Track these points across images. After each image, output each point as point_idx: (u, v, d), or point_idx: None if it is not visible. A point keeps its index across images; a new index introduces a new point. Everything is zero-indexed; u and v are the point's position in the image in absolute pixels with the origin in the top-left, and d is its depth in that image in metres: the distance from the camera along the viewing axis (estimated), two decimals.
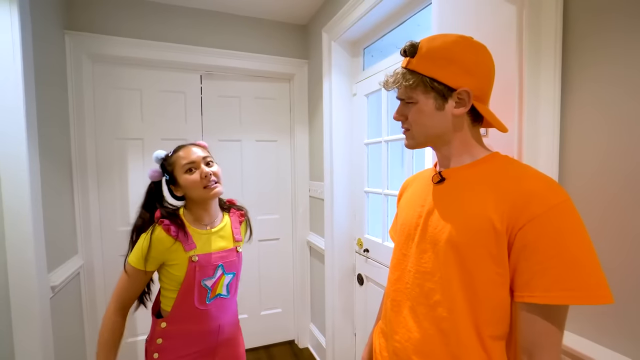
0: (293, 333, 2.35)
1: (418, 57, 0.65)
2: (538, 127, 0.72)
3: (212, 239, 1.02)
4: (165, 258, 0.96)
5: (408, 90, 0.66)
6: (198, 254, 0.98)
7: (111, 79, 1.87)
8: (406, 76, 0.65)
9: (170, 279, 0.98)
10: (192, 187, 0.97)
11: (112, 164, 1.89)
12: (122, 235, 1.92)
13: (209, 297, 1.00)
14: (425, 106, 0.65)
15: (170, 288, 0.99)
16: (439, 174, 0.69)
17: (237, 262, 1.07)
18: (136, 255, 0.95)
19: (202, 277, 0.98)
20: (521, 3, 0.70)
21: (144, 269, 0.95)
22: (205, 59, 1.99)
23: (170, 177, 1.00)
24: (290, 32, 2.21)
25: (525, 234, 0.53)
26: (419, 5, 1.36)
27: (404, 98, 0.68)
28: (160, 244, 0.94)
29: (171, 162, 1.00)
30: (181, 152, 1.00)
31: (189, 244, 0.97)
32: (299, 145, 2.26)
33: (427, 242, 0.66)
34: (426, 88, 0.64)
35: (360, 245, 1.82)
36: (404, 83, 0.65)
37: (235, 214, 1.13)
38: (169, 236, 0.94)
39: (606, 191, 0.66)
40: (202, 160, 0.99)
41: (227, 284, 1.04)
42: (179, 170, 0.98)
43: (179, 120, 2.02)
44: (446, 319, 0.61)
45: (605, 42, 0.65)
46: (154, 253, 0.94)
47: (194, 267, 0.96)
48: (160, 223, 0.96)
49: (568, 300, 0.50)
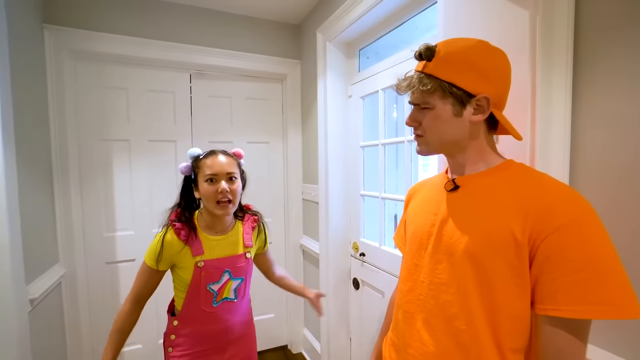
0: (286, 338, 2.31)
1: (436, 61, 0.62)
2: (550, 135, 0.71)
3: (221, 246, 1.05)
4: (175, 260, 1.01)
5: (425, 95, 0.63)
6: (205, 259, 1.01)
7: (95, 77, 1.77)
8: (423, 80, 0.62)
9: (179, 281, 1.03)
10: (207, 198, 0.99)
11: (96, 166, 1.80)
12: (108, 242, 1.83)
13: (216, 300, 1.03)
14: (442, 112, 0.62)
15: (180, 289, 1.03)
16: (452, 182, 0.67)
17: (245, 268, 1.09)
18: (150, 254, 1.00)
19: (208, 282, 1.01)
20: (534, 9, 0.69)
21: (156, 268, 1.00)
22: (195, 57, 1.92)
23: (194, 178, 1.04)
24: (283, 31, 2.17)
25: (549, 245, 0.52)
26: (417, 7, 1.34)
27: (419, 103, 0.65)
28: (170, 246, 0.99)
29: (199, 165, 1.03)
30: (209, 160, 1.02)
31: (197, 250, 1.00)
32: (291, 147, 2.21)
33: (442, 252, 0.64)
34: (444, 93, 0.61)
35: (355, 249, 1.79)
36: (421, 87, 0.63)
37: (249, 220, 1.15)
38: (179, 240, 0.99)
39: (617, 201, 0.66)
40: (225, 175, 1.00)
41: (234, 288, 1.06)
42: (201, 177, 1.01)
43: (168, 121, 1.94)
44: (464, 332, 0.59)
45: (615, 53, 0.65)
46: (165, 254, 0.99)
47: (199, 272, 1.00)
48: (172, 226, 1.00)
49: (596, 315, 0.49)
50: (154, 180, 1.92)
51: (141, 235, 1.90)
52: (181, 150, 1.97)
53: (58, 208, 1.64)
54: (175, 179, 1.96)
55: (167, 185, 1.95)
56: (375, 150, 1.66)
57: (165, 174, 1.95)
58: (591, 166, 0.69)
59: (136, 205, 1.89)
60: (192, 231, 1.01)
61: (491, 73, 0.61)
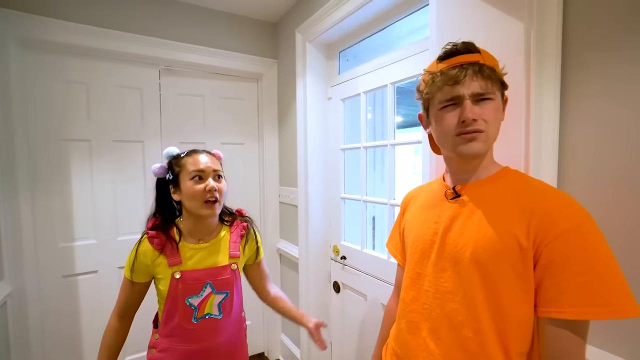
0: (263, 345, 2.24)
1: (484, 54, 0.61)
2: (541, 141, 0.74)
3: (201, 255, 0.96)
4: (152, 271, 0.94)
5: (490, 83, 0.59)
6: (182, 270, 0.92)
7: (49, 70, 1.59)
8: (484, 69, 0.59)
9: (158, 292, 0.96)
10: (192, 197, 0.91)
11: (51, 169, 1.61)
12: (65, 253, 1.65)
13: (196, 316, 0.93)
14: (499, 104, 0.62)
15: (161, 301, 0.96)
16: (453, 191, 0.67)
17: (231, 281, 0.98)
18: (126, 265, 0.95)
19: (187, 295, 0.92)
20: (529, 22, 0.71)
21: (131, 279, 0.94)
22: (164, 52, 1.79)
23: (173, 178, 0.95)
24: (259, 29, 2.10)
25: (553, 250, 0.53)
26: (401, 12, 1.36)
27: (484, 92, 0.59)
28: (143, 256, 0.93)
29: (180, 163, 0.95)
30: (193, 157, 0.94)
31: (173, 259, 0.92)
32: (268, 149, 2.15)
33: (446, 260, 0.64)
34: (499, 85, 0.62)
35: (336, 252, 1.78)
36: (488, 72, 0.59)
37: (238, 226, 1.05)
38: (153, 249, 0.92)
39: (598, 198, 0.70)
40: (212, 172, 0.93)
41: (218, 303, 0.96)
42: (185, 175, 0.92)
43: (134, 120, 1.79)
44: (472, 339, 0.59)
45: (598, 60, 0.69)
46: (138, 265, 0.93)
47: (176, 283, 0.91)
48: (147, 234, 0.93)
49: (598, 316, 0.51)
50: (119, 184, 1.77)
51: (105, 245, 1.74)
52: (149, 152, 1.84)
53: (2, 218, 1.44)
54: (143, 182, 1.82)
55: (134, 189, 1.80)
56: (356, 153, 1.66)
57: (131, 176, 1.80)
58: (576, 169, 0.73)
59: (99, 212, 1.72)
60: (168, 239, 0.93)
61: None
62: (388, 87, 1.40)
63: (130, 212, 1.79)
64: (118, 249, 1.76)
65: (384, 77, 1.42)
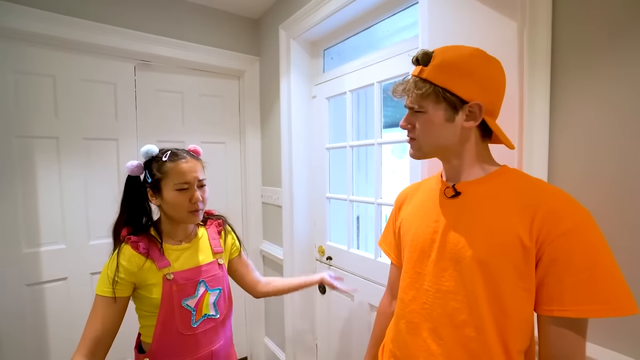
0: (246, 349, 2.18)
1: (432, 67, 0.62)
2: (533, 141, 0.75)
3: (187, 255, 0.92)
4: (137, 280, 0.86)
5: (419, 98, 0.63)
6: (173, 271, 0.87)
7: (10, 60, 1.46)
8: (418, 84, 0.63)
9: (147, 303, 0.88)
10: (176, 207, 0.87)
11: (13, 168, 1.48)
12: (29, 259, 1.53)
13: (194, 319, 0.89)
14: (434, 116, 0.63)
15: (148, 314, 0.88)
16: (453, 189, 0.67)
17: (221, 277, 0.97)
18: (102, 281, 0.85)
19: (182, 297, 0.88)
20: (522, 21, 0.73)
21: (114, 295, 0.83)
22: (139, 45, 1.70)
23: (153, 182, 0.90)
24: (241, 25, 2.04)
25: (556, 248, 0.54)
26: (386, 12, 1.36)
27: (414, 106, 0.65)
28: (129, 263, 0.85)
29: (162, 169, 0.89)
30: (178, 165, 0.88)
31: (161, 262, 0.86)
32: (250, 148, 2.10)
33: (447, 259, 0.64)
34: (438, 98, 0.62)
35: (321, 252, 1.76)
36: (416, 91, 0.63)
37: (213, 224, 1.04)
38: (138, 254, 0.86)
39: (589, 198, 0.72)
40: (197, 182, 0.89)
41: (213, 302, 0.94)
42: (168, 184, 0.87)
43: (108, 117, 1.69)
44: (475, 339, 0.59)
45: (586, 61, 0.71)
46: (124, 274, 0.84)
47: (170, 286, 0.86)
48: (127, 241, 0.86)
49: (600, 314, 0.52)
50: (91, 184, 1.66)
51: (75, 249, 1.63)
52: (124, 150, 1.73)
53: None
54: (117, 182, 1.72)
55: (108, 189, 1.69)
56: (342, 152, 1.64)
57: (105, 176, 1.69)
58: (565, 169, 0.76)
59: (69, 215, 1.61)
60: (151, 242, 0.88)
61: (485, 81, 0.62)
62: (375, 86, 1.40)
63: (103, 215, 1.68)
64: (90, 254, 1.65)
65: (371, 75, 1.41)
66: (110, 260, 0.87)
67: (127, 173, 0.91)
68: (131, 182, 0.92)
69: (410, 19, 1.38)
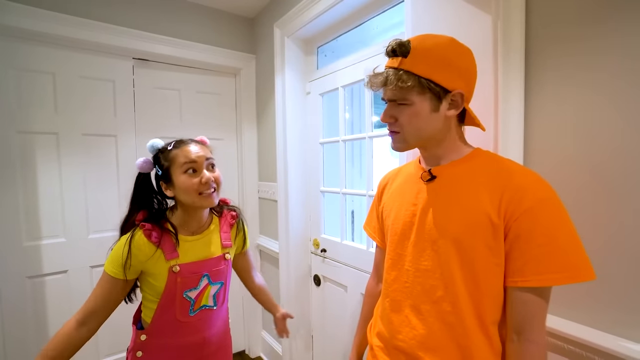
0: (243, 343, 2.22)
1: (412, 58, 0.63)
2: (508, 126, 0.79)
3: (197, 247, 0.93)
4: (145, 267, 0.87)
5: (403, 91, 0.63)
6: (180, 263, 0.88)
7: (10, 57, 1.50)
8: (402, 77, 0.63)
9: (150, 288, 0.89)
10: (187, 191, 0.86)
11: (13, 163, 1.52)
12: (29, 252, 1.56)
13: (192, 309, 0.91)
14: (420, 108, 0.64)
15: (151, 298, 0.90)
16: (429, 172, 0.70)
17: (225, 271, 0.98)
18: (113, 261, 0.85)
19: (185, 289, 0.89)
20: (496, 14, 0.76)
21: (124, 277, 0.85)
22: (138, 43, 1.74)
23: (163, 173, 0.89)
24: (237, 24, 2.08)
25: (519, 225, 0.57)
26: (378, 8, 1.39)
27: (396, 99, 0.65)
28: (139, 251, 0.85)
29: (169, 157, 0.88)
30: (183, 149, 0.88)
31: (170, 252, 0.87)
32: (247, 145, 2.14)
33: (425, 240, 0.67)
34: (423, 89, 0.63)
35: (316, 245, 1.80)
36: (399, 84, 0.63)
37: (227, 216, 1.03)
38: (150, 242, 0.86)
39: (561, 182, 0.76)
40: (205, 162, 0.88)
41: (214, 294, 0.95)
42: (176, 169, 0.87)
43: (107, 113, 1.73)
44: (451, 312, 0.63)
45: (560, 51, 0.75)
46: (134, 261, 0.85)
47: (174, 278, 0.87)
48: (141, 227, 0.86)
49: (559, 282, 0.55)
50: (90, 179, 1.69)
51: (75, 243, 1.66)
52: (123, 146, 1.77)
53: None
54: (116, 177, 1.76)
55: (107, 184, 1.73)
56: (335, 146, 1.68)
57: (104, 171, 1.73)
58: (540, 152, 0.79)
59: (68, 208, 1.64)
60: (164, 232, 0.88)
61: (464, 69, 0.65)
62: (365, 81, 1.43)
63: (102, 209, 1.72)
64: (90, 248, 1.69)
65: (362, 71, 1.45)
66: (123, 242, 0.86)
67: (138, 170, 0.92)
68: (140, 180, 0.93)
69: (400, 16, 1.42)
